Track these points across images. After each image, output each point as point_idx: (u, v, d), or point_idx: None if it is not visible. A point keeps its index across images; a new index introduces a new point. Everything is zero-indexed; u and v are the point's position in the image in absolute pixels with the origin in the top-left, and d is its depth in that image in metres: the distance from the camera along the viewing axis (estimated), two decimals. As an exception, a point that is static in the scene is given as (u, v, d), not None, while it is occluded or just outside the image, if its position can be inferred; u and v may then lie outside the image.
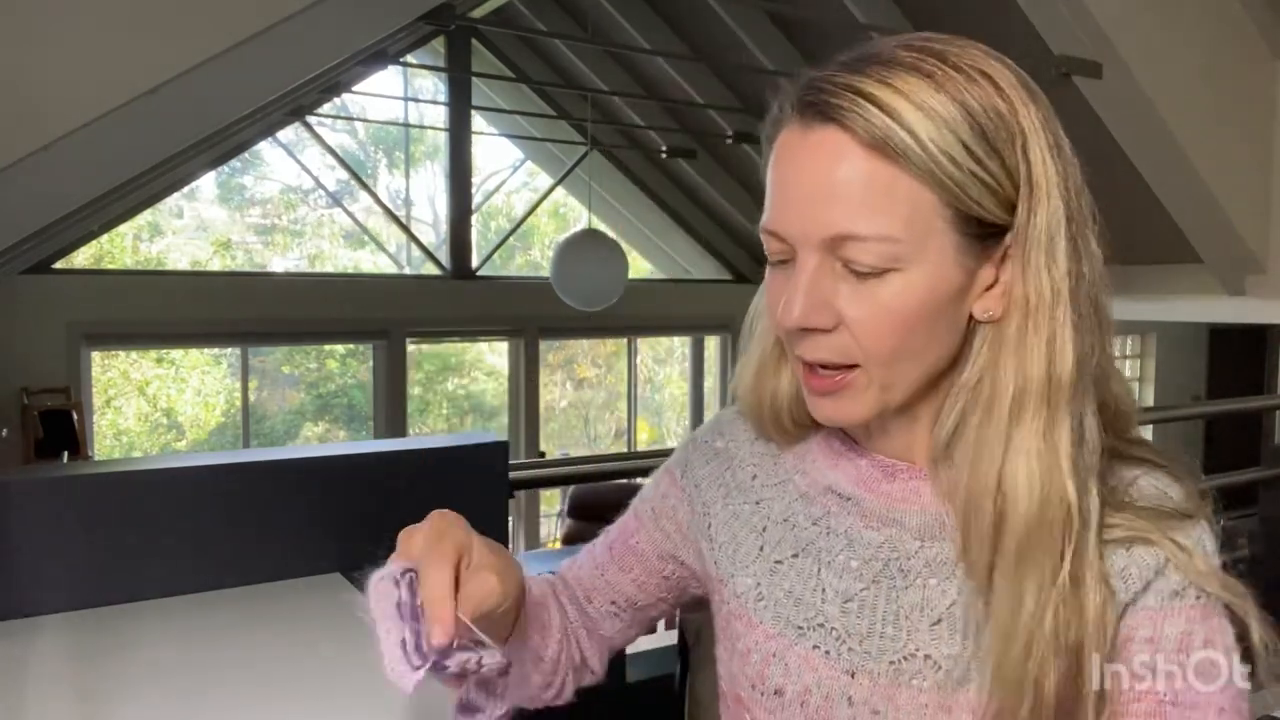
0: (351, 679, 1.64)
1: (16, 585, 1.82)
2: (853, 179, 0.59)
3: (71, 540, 1.87)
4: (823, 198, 0.60)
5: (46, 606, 1.84)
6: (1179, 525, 0.63)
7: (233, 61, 2.39)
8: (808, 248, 0.61)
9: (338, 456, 2.36)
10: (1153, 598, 0.62)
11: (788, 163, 0.62)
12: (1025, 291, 0.61)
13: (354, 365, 7.98)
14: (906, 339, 0.61)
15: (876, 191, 0.59)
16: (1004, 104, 0.60)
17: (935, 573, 0.66)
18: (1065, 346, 0.60)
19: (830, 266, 0.61)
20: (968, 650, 0.64)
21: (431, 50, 7.30)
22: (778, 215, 0.63)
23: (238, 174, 7.73)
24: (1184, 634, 0.61)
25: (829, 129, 0.60)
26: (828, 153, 0.60)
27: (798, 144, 0.62)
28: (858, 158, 0.59)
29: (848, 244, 0.59)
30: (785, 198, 0.62)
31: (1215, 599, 0.62)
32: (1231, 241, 4.49)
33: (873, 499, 0.69)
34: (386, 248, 7.83)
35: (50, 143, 2.27)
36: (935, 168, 0.58)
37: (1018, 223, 0.61)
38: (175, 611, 1.88)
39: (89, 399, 6.36)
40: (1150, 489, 0.64)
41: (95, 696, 1.51)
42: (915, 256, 0.59)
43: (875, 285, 0.60)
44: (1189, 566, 0.61)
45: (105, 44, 2.29)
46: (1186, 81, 4.04)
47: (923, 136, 0.58)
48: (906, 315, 0.60)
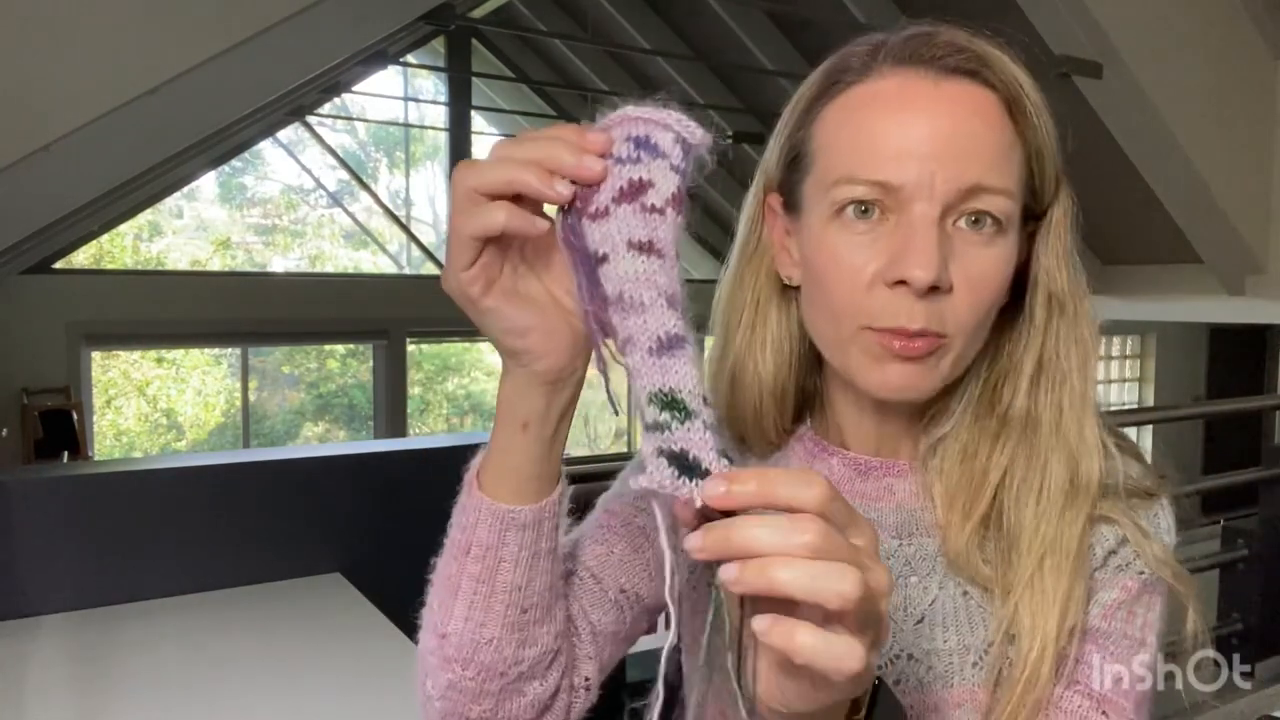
0: (351, 678, 1.64)
1: (16, 585, 1.82)
2: (991, 131, 0.59)
3: (71, 540, 1.87)
4: (964, 147, 0.58)
5: (46, 606, 1.84)
6: (1141, 504, 0.64)
7: (233, 61, 2.39)
8: (931, 200, 0.57)
9: (338, 456, 2.36)
10: (1101, 571, 0.63)
11: (911, 110, 0.59)
12: (1046, 281, 0.62)
13: (354, 365, 7.99)
14: (990, 311, 0.60)
15: (1005, 149, 0.59)
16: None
17: (915, 570, 0.65)
18: (1085, 335, 0.63)
19: (945, 225, 0.58)
20: (950, 644, 0.63)
21: (431, 50, 7.30)
22: (895, 163, 0.57)
23: (238, 174, 7.74)
24: (1115, 601, 0.62)
25: (965, 83, 0.59)
26: (969, 105, 0.59)
27: (927, 93, 0.59)
28: (997, 114, 0.59)
29: (981, 196, 0.58)
30: (908, 146, 0.57)
31: (1158, 580, 0.63)
32: (1231, 241, 4.49)
33: (848, 499, 0.67)
34: (387, 248, 7.83)
35: (50, 143, 2.27)
36: (1040, 137, 0.60)
37: (1052, 208, 0.63)
38: (175, 611, 1.89)
39: (89, 399, 6.36)
40: (1122, 474, 0.65)
41: (95, 696, 1.51)
42: (1016, 222, 0.60)
43: (985, 246, 0.58)
44: (1146, 550, 0.62)
45: (106, 44, 2.29)
46: (1186, 81, 4.04)
47: (1037, 104, 0.60)
48: (999, 284, 0.60)
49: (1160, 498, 0.65)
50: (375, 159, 8.29)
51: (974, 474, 0.62)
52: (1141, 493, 0.64)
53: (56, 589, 1.86)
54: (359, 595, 1.94)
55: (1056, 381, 0.63)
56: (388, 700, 1.49)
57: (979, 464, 0.62)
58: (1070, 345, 0.63)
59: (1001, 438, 0.63)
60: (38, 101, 2.25)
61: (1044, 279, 0.63)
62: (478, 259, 0.50)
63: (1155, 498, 0.65)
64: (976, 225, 0.58)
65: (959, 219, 0.58)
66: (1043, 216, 0.63)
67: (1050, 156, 0.61)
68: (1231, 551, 3.04)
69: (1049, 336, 0.63)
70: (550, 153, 0.47)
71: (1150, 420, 8.50)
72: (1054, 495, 0.61)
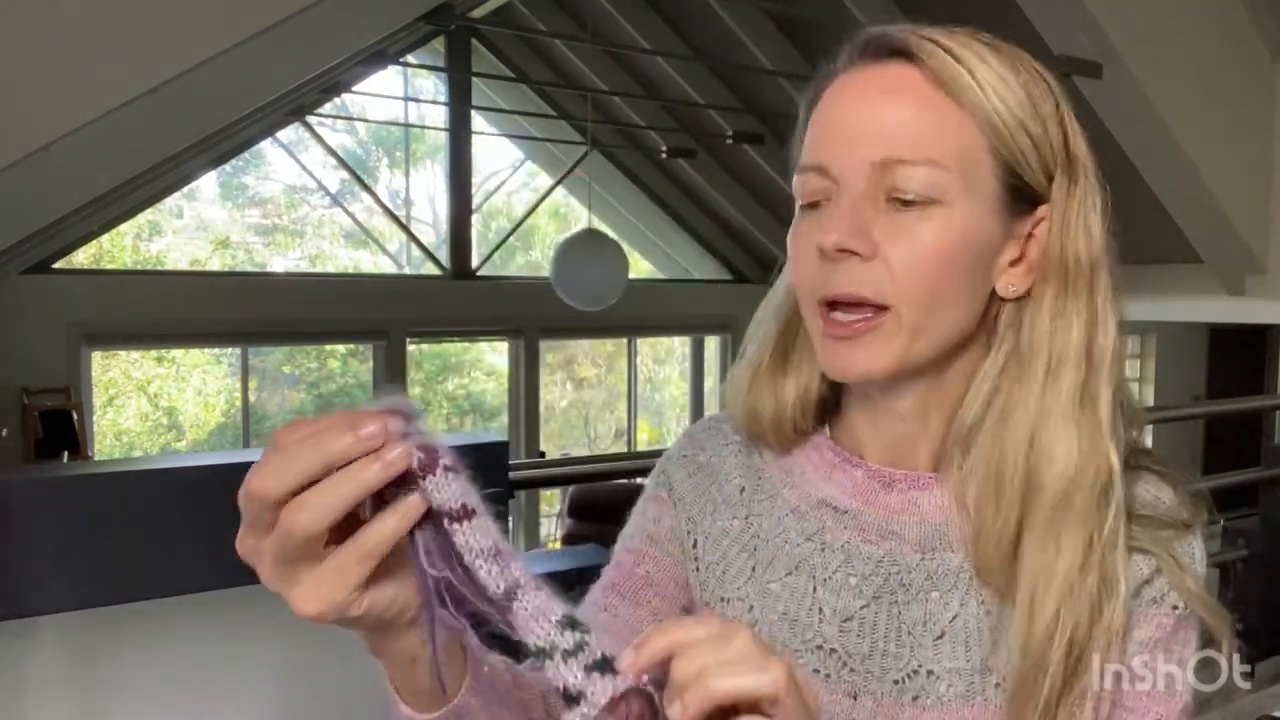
0: (352, 679, 1.64)
1: (16, 585, 1.82)
2: (910, 106, 0.60)
3: (71, 540, 1.87)
4: (878, 123, 0.60)
5: (46, 606, 1.84)
6: (1176, 537, 0.63)
7: (233, 61, 2.39)
8: (855, 175, 0.60)
9: (338, 456, 2.37)
10: (1137, 602, 0.62)
11: (841, 97, 0.63)
12: (1064, 258, 0.62)
13: (355, 365, 7.99)
14: (942, 280, 0.60)
15: (931, 120, 0.60)
16: (1045, 83, 0.63)
17: (937, 585, 0.64)
18: (1108, 315, 0.62)
19: (874, 198, 0.60)
20: (973, 662, 0.62)
21: (431, 50, 7.30)
22: (824, 146, 0.62)
23: (238, 174, 7.74)
24: (1153, 639, 0.61)
25: (892, 64, 0.61)
26: (891, 82, 0.61)
27: (855, 80, 0.62)
28: (919, 87, 0.60)
29: (897, 169, 0.59)
30: (834, 129, 0.62)
31: (1193, 614, 0.62)
32: (1231, 241, 4.49)
33: (871, 511, 0.66)
34: (387, 248, 7.83)
35: (50, 143, 2.27)
36: (991, 110, 0.60)
37: (1056, 192, 0.62)
38: (175, 611, 1.89)
39: (89, 399, 6.36)
40: (1146, 495, 0.64)
41: (95, 696, 1.51)
42: (959, 194, 0.60)
43: (917, 219, 0.59)
44: (1181, 584, 0.61)
45: (105, 44, 2.29)
46: (1186, 81, 4.04)
47: (981, 79, 0.60)
48: (945, 254, 0.60)
49: (1194, 528, 0.64)
50: (376, 159, 8.29)
51: (1008, 444, 0.61)
52: (1178, 524, 0.63)
53: (56, 589, 1.86)
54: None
55: (1059, 365, 0.61)
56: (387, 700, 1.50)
57: (1013, 435, 0.61)
58: (1077, 329, 0.61)
59: (1034, 408, 0.61)
60: (38, 101, 2.25)
61: (1055, 259, 0.62)
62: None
63: (1190, 529, 0.63)
64: (906, 200, 0.59)
65: (888, 198, 0.60)
66: (1045, 199, 0.63)
67: (1020, 127, 0.61)
68: (1231, 551, 3.05)
69: (1057, 318, 0.62)
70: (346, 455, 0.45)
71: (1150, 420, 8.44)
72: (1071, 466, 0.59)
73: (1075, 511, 0.59)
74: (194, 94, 2.53)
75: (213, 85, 2.57)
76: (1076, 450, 0.59)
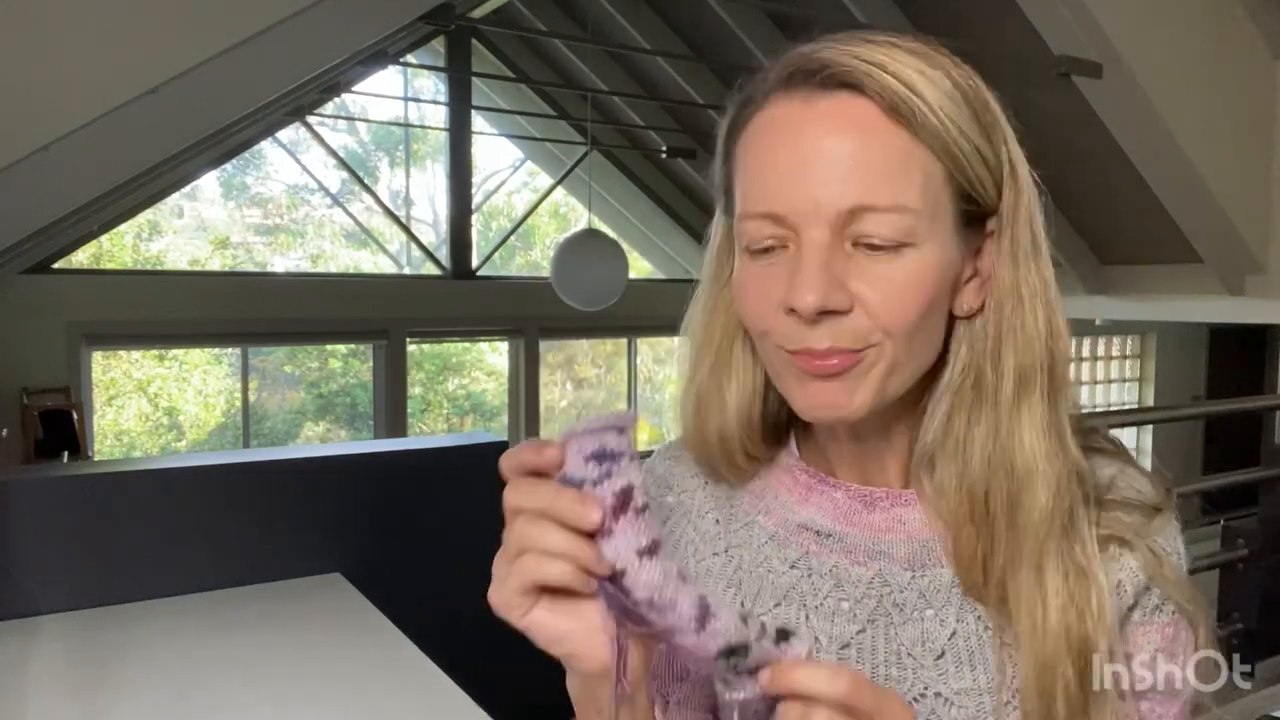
0: (352, 679, 1.64)
1: (16, 585, 1.82)
2: (871, 146, 0.56)
3: (71, 540, 1.87)
4: (839, 167, 0.56)
5: (46, 606, 1.84)
6: (1154, 524, 0.62)
7: (233, 61, 2.39)
8: (817, 224, 0.56)
9: (338, 456, 2.36)
10: (1137, 613, 0.61)
11: (787, 136, 0.57)
12: (1018, 276, 0.60)
13: (356, 365, 7.99)
14: (924, 317, 0.58)
15: (894, 160, 0.56)
16: (983, 90, 0.60)
17: (930, 603, 0.63)
18: (1061, 325, 0.61)
19: (840, 246, 0.57)
20: (979, 682, 0.61)
21: (431, 50, 7.30)
22: (775, 193, 0.57)
23: (239, 174, 7.74)
24: (1158, 650, 0.61)
25: (841, 96, 0.57)
26: (842, 118, 0.56)
27: (800, 115, 0.57)
28: (877, 124, 0.56)
29: (864, 217, 0.56)
30: (786, 173, 0.57)
31: (1183, 611, 0.62)
32: (1231, 241, 4.49)
33: (856, 533, 0.65)
34: (387, 248, 7.83)
35: (50, 143, 2.27)
36: (946, 137, 0.57)
37: (1005, 206, 0.60)
38: (175, 611, 1.89)
39: (89, 399, 6.36)
40: (1120, 482, 0.63)
41: (95, 696, 1.51)
42: (927, 232, 0.57)
43: (888, 263, 0.56)
44: (1160, 576, 0.61)
45: (105, 44, 2.29)
46: (1186, 81, 4.04)
47: (934, 104, 0.56)
48: (924, 292, 0.57)
49: (1168, 513, 0.63)
50: (376, 159, 8.29)
51: (986, 469, 0.60)
52: (1149, 509, 0.62)
53: (56, 589, 1.86)
54: (359, 595, 1.94)
55: (1020, 379, 0.60)
56: (388, 700, 1.49)
57: (987, 459, 0.60)
58: (1037, 340, 0.60)
59: (1004, 428, 0.60)
60: (38, 101, 2.25)
61: (998, 277, 0.60)
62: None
63: (1163, 513, 0.63)
64: (873, 249, 0.56)
65: (854, 243, 0.57)
66: (994, 213, 0.60)
67: (975, 151, 0.58)
68: (1231, 551, 3.04)
69: (1008, 333, 0.60)
70: (560, 514, 0.50)
71: (1150, 420, 8.49)
72: (1051, 481, 0.59)
73: (1058, 525, 0.59)
74: (194, 94, 2.53)
75: (213, 85, 2.57)
76: (1047, 463, 0.59)
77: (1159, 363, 9.35)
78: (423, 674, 1.55)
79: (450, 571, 2.20)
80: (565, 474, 0.50)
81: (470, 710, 1.43)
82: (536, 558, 0.50)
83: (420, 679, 1.53)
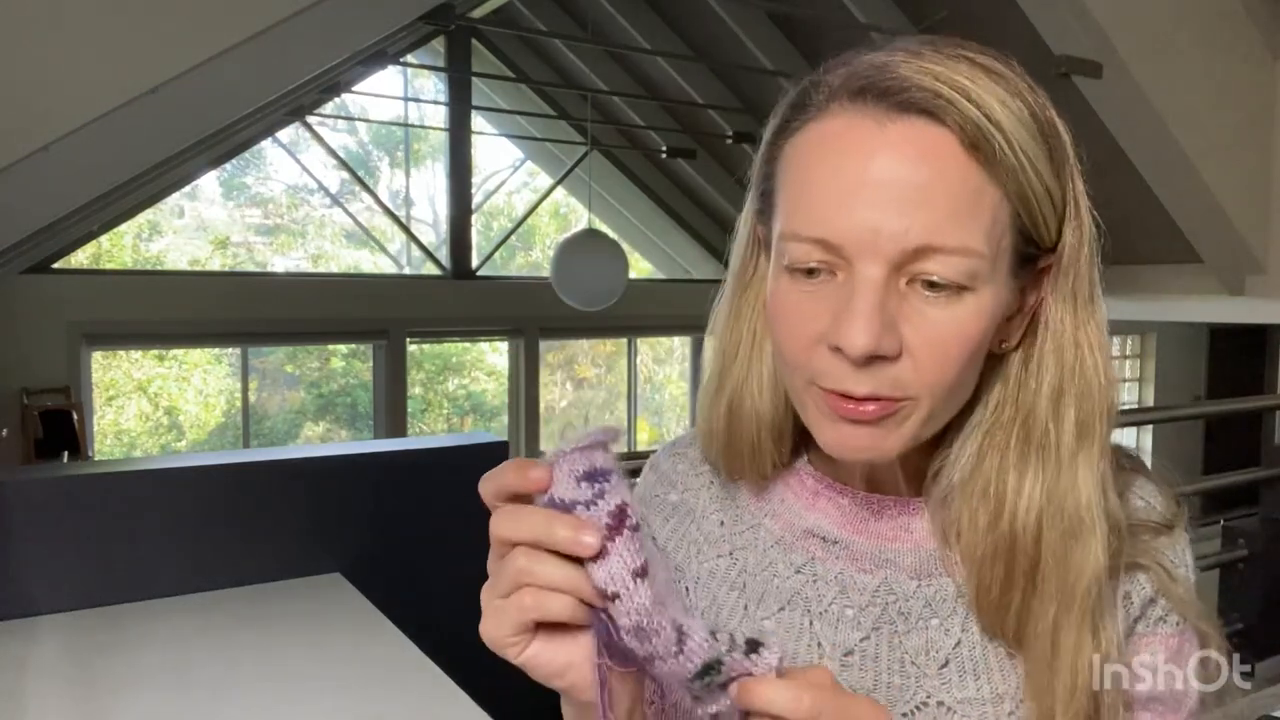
0: (351, 679, 1.64)
1: (16, 585, 1.82)
2: (945, 181, 0.52)
3: (71, 540, 1.87)
4: (909, 201, 0.51)
5: (46, 606, 1.84)
6: (1165, 542, 0.62)
7: (233, 61, 2.39)
8: (875, 259, 0.52)
9: (338, 456, 2.36)
10: (1142, 624, 0.61)
11: (853, 157, 0.53)
12: (1075, 324, 0.57)
13: (357, 365, 7.99)
14: (967, 368, 0.55)
15: (967, 198, 0.52)
16: (1056, 117, 0.56)
17: (936, 612, 0.62)
18: (1115, 375, 0.59)
19: (896, 284, 0.53)
20: (983, 692, 0.60)
21: (431, 50, 7.31)
22: (835, 220, 0.52)
23: (239, 174, 7.74)
24: (1163, 660, 0.61)
25: (917, 121, 0.52)
26: (918, 149, 0.52)
27: (870, 137, 0.52)
28: (955, 158, 0.52)
29: (930, 257, 0.52)
30: (845, 199, 0.52)
31: (1190, 625, 0.61)
32: (1231, 241, 4.49)
33: (863, 540, 0.64)
34: (387, 248, 7.84)
35: (50, 143, 2.27)
36: (1021, 177, 0.53)
37: (1066, 247, 0.57)
38: (175, 611, 1.89)
39: (89, 399, 6.36)
40: (1138, 502, 0.63)
41: (95, 696, 1.51)
42: (988, 276, 0.53)
43: (945, 306, 0.53)
44: (1171, 593, 0.60)
45: (105, 44, 2.29)
46: (1186, 81, 4.04)
47: (1013, 140, 0.52)
48: (973, 342, 0.54)
49: (1180, 528, 0.62)
50: (376, 159, 8.29)
51: (1014, 530, 0.57)
52: (1163, 528, 0.62)
53: (56, 589, 1.86)
54: (359, 595, 1.94)
55: (1078, 428, 0.57)
56: (388, 700, 1.49)
57: (1018, 519, 0.57)
58: (1105, 372, 0.58)
59: (1054, 471, 0.57)
60: (38, 101, 2.25)
61: (1055, 321, 0.58)
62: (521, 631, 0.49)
63: (1175, 529, 0.62)
64: (932, 288, 0.53)
65: (910, 280, 0.53)
66: (1052, 251, 0.57)
67: (1045, 193, 0.54)
68: (1231, 551, 3.05)
69: (1069, 382, 0.58)
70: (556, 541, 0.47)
71: (1150, 420, 8.50)
72: (1086, 529, 0.57)
73: (1103, 577, 0.57)
74: (194, 94, 2.53)
75: (213, 85, 2.57)
76: (1101, 517, 0.57)
77: (1159, 363, 9.36)
78: (423, 674, 1.55)
79: (450, 571, 2.20)
80: (554, 497, 0.47)
81: (470, 710, 1.43)
82: (536, 594, 0.47)
83: (420, 679, 1.53)
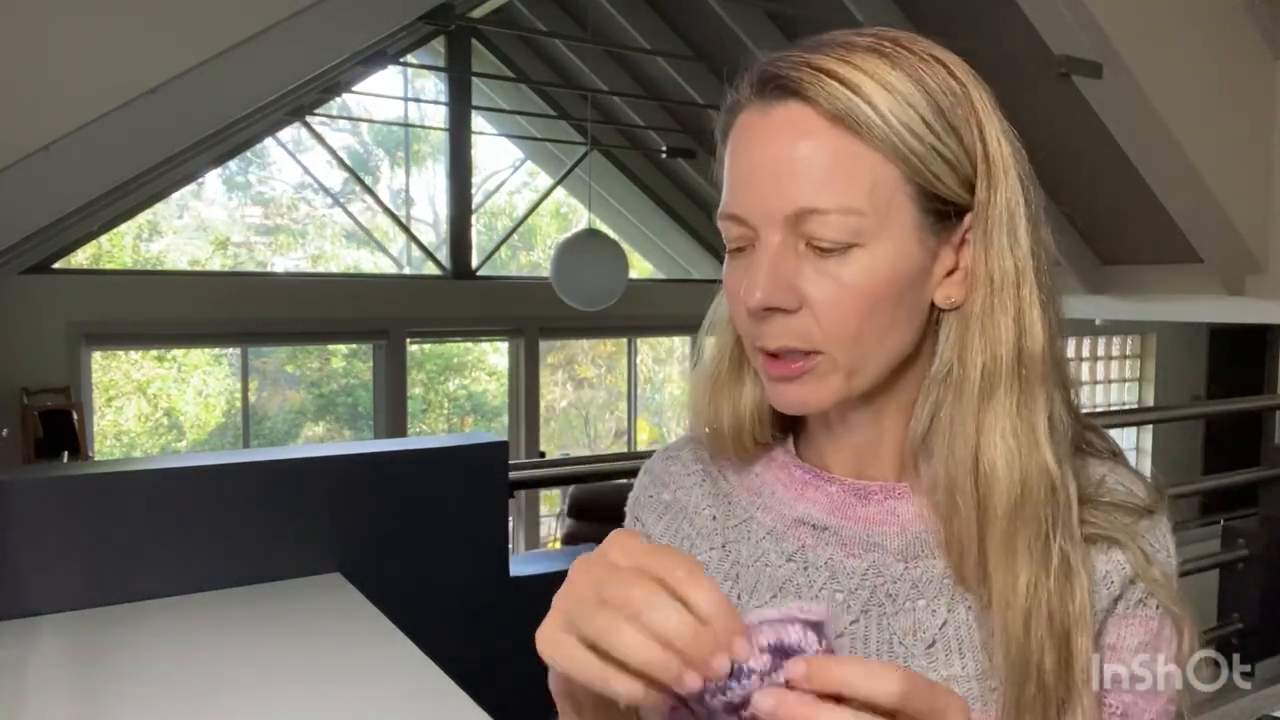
0: (351, 679, 1.64)
1: (16, 585, 1.81)
2: (815, 152, 0.59)
3: (71, 540, 1.87)
4: (786, 172, 0.59)
5: (46, 606, 1.84)
6: (1145, 525, 0.64)
7: (233, 61, 2.39)
8: (770, 226, 0.60)
9: (338, 456, 2.36)
10: (1122, 605, 0.63)
11: (747, 143, 0.62)
12: (989, 270, 0.61)
13: (357, 365, 7.99)
14: (870, 320, 0.60)
15: (839, 164, 0.59)
16: (958, 85, 0.61)
17: (923, 593, 0.64)
18: (1035, 323, 0.61)
19: (793, 246, 0.60)
20: (969, 669, 0.62)
21: (431, 50, 7.31)
22: (738, 197, 0.62)
23: (239, 173, 7.74)
24: (1141, 644, 0.62)
25: (790, 104, 0.60)
26: (790, 127, 0.60)
27: (758, 123, 0.61)
28: (820, 130, 0.59)
29: (811, 219, 0.59)
30: (746, 178, 0.61)
31: (1168, 612, 0.63)
32: (1231, 241, 4.49)
33: (850, 525, 0.67)
34: (387, 248, 7.84)
35: (50, 143, 2.27)
36: (897, 140, 0.59)
37: (978, 201, 0.61)
38: (175, 611, 1.88)
39: (89, 399, 6.36)
40: (1118, 486, 0.65)
41: (95, 696, 1.51)
42: (878, 232, 0.59)
43: (838, 263, 0.59)
44: (1147, 574, 0.62)
45: (106, 44, 2.29)
46: (1186, 81, 4.05)
47: (884, 110, 0.58)
48: (870, 294, 0.59)
49: (1160, 514, 0.65)
50: (377, 159, 8.29)
51: (956, 465, 0.61)
52: (1143, 511, 0.64)
53: (56, 589, 1.86)
54: (359, 595, 1.94)
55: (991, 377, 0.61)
56: (388, 700, 1.49)
57: (958, 454, 0.61)
58: (1006, 340, 0.61)
59: (971, 424, 0.61)
60: (38, 101, 2.25)
61: (973, 272, 0.62)
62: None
63: (1155, 514, 0.64)
64: (822, 248, 0.59)
65: (807, 243, 0.60)
66: (969, 209, 0.62)
67: (934, 153, 0.59)
68: (1231, 551, 3.04)
69: (974, 328, 0.61)
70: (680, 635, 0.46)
71: (1150, 420, 8.50)
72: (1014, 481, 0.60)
73: (1025, 522, 0.60)
74: (194, 94, 2.53)
75: (213, 85, 2.57)
76: (1018, 464, 0.60)
77: (1159, 363, 9.36)
78: (423, 674, 1.55)
79: (450, 571, 2.20)
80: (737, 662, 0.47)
81: (470, 710, 1.43)
82: (647, 642, 0.45)
83: (420, 679, 1.54)
